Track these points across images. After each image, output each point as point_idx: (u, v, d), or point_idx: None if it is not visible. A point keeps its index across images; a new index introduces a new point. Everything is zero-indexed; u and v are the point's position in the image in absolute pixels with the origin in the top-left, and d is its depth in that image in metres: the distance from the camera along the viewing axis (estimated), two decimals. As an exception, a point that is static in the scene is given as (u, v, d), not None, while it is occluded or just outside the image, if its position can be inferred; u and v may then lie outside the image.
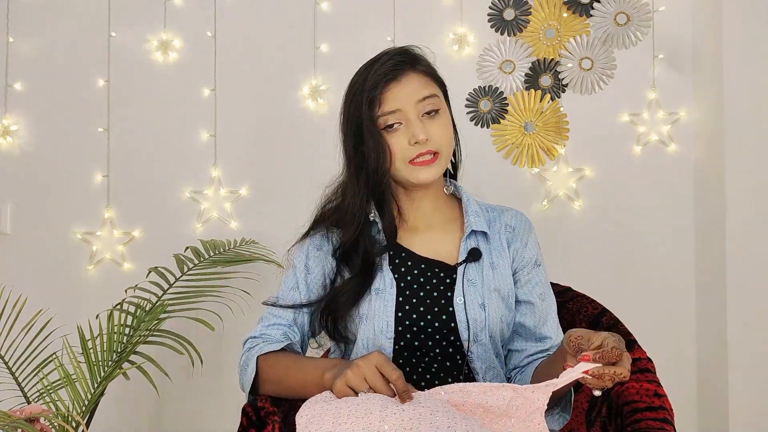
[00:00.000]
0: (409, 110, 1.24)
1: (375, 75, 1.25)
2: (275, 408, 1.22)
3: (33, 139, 2.27)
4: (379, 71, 1.25)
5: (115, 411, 2.19)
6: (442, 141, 1.25)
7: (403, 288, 1.26)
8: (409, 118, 1.24)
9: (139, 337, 1.74)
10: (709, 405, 1.99)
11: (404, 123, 1.24)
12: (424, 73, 1.28)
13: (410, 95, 1.24)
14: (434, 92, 1.27)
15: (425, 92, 1.25)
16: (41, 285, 2.21)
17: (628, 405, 1.29)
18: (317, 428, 1.01)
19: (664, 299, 2.07)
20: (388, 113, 1.24)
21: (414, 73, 1.26)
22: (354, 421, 1.00)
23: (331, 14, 2.20)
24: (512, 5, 2.13)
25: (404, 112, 1.24)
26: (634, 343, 1.40)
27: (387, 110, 1.24)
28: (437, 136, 1.25)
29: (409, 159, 1.24)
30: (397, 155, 1.25)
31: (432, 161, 1.25)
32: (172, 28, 2.23)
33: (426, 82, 1.27)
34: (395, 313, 1.24)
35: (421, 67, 1.28)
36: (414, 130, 1.23)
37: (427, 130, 1.24)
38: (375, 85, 1.24)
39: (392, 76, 1.24)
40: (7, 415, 1.45)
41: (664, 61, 2.08)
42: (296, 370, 1.21)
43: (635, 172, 2.09)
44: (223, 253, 1.97)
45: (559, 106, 2.12)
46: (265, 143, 2.21)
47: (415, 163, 1.25)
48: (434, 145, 1.24)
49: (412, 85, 1.25)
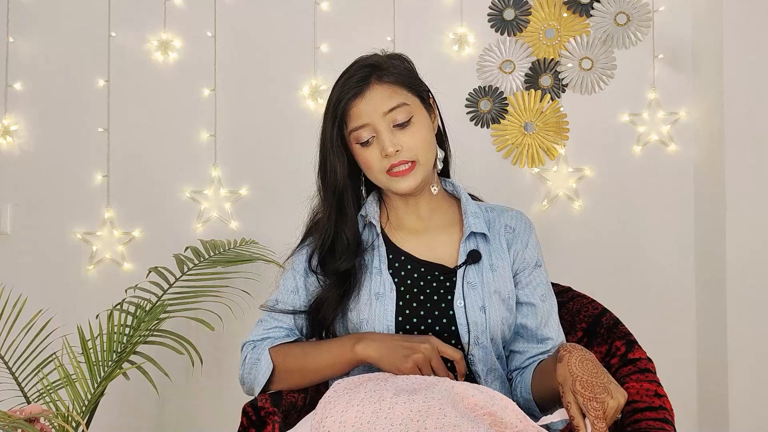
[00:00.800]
0: (378, 123, 1.23)
1: (340, 91, 1.26)
2: (275, 408, 1.22)
3: (33, 139, 2.27)
4: (344, 87, 1.26)
5: (115, 411, 2.19)
6: (416, 149, 1.24)
7: (403, 292, 1.25)
8: (379, 130, 1.23)
9: (139, 337, 1.74)
10: (709, 405, 1.99)
11: (376, 136, 1.24)
12: (391, 83, 1.25)
13: (376, 109, 1.23)
14: (402, 101, 1.24)
15: (391, 103, 1.24)
16: (41, 285, 2.21)
17: (628, 405, 1.28)
18: (332, 407, 1.05)
19: (665, 299, 2.07)
20: (358, 128, 1.24)
21: (379, 84, 1.25)
22: (366, 406, 1.03)
23: (331, 14, 2.20)
24: (512, 5, 2.13)
25: (373, 125, 1.24)
26: (634, 343, 1.39)
27: (356, 126, 1.24)
28: (409, 145, 1.24)
29: (386, 170, 1.24)
30: (373, 167, 1.25)
31: (408, 171, 1.24)
32: (172, 28, 2.23)
33: (392, 92, 1.25)
34: (396, 318, 1.24)
35: (388, 77, 1.26)
36: (383, 143, 1.23)
37: (397, 141, 1.23)
38: (339, 103, 1.25)
39: (356, 92, 1.24)
40: (7, 415, 1.45)
41: (664, 61, 2.08)
42: (317, 351, 1.24)
43: (635, 172, 2.09)
44: (223, 253, 1.97)
45: (559, 106, 2.12)
46: (265, 143, 2.21)
47: (392, 174, 1.24)
48: (407, 155, 1.24)
49: (376, 99, 1.24)
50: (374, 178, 1.27)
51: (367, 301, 1.25)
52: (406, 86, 1.27)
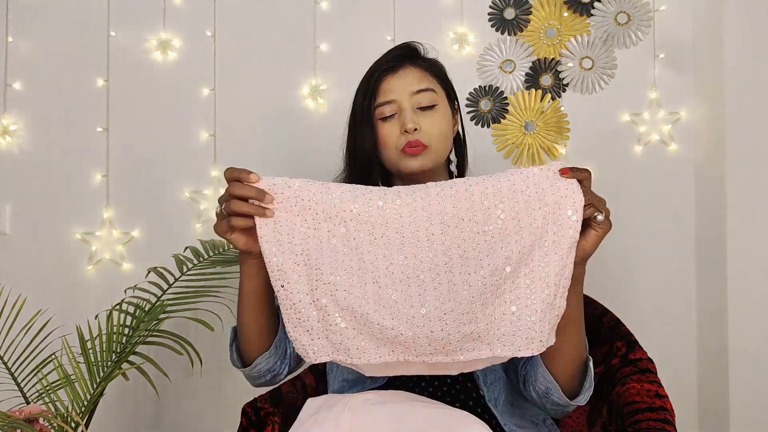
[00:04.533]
0: (404, 101, 1.27)
1: (376, 65, 1.30)
2: (275, 408, 1.22)
3: (32, 139, 2.27)
4: (380, 62, 1.30)
5: (115, 411, 2.18)
6: (432, 133, 1.27)
7: None
8: (403, 108, 1.27)
9: (139, 338, 1.74)
10: (709, 405, 1.99)
11: (398, 113, 1.27)
12: (424, 68, 1.31)
13: (405, 87, 1.27)
14: (431, 87, 1.29)
15: (421, 85, 1.28)
16: (41, 285, 2.20)
17: (628, 406, 1.28)
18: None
19: (665, 300, 2.07)
20: (383, 104, 1.28)
21: (412, 66, 1.30)
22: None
23: (331, 14, 2.19)
24: (512, 5, 2.13)
25: (399, 103, 1.27)
26: (635, 343, 1.39)
27: (382, 101, 1.28)
28: (428, 128, 1.26)
29: (400, 147, 1.27)
30: (389, 143, 1.28)
31: (419, 151, 1.26)
32: (172, 28, 2.23)
33: (423, 76, 1.30)
34: None
35: (422, 62, 1.32)
36: (404, 119, 1.26)
37: (417, 120, 1.26)
38: (371, 76, 1.29)
39: (389, 67, 1.29)
40: (7, 415, 1.45)
41: (664, 61, 2.08)
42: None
43: (635, 171, 2.09)
44: (223, 253, 1.97)
45: (559, 105, 2.11)
46: (265, 143, 2.21)
47: (405, 151, 1.26)
48: (423, 137, 1.26)
49: (408, 78, 1.29)
50: (387, 157, 1.29)
51: None
52: (438, 77, 1.33)
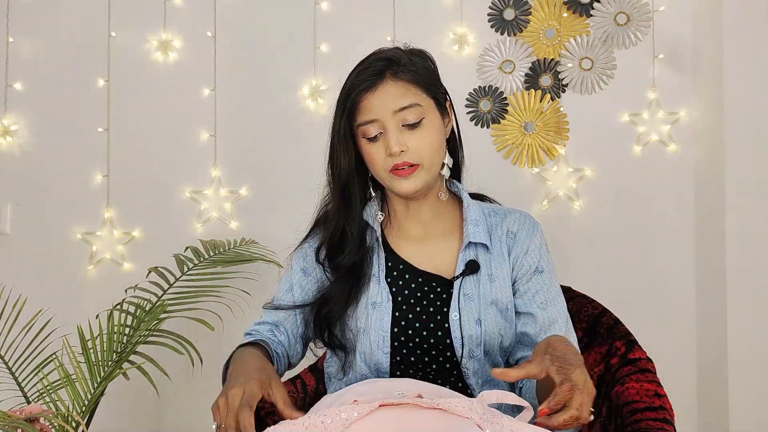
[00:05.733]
0: (387, 120, 1.19)
1: (353, 82, 1.22)
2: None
3: (33, 139, 2.27)
4: (357, 78, 1.22)
5: (115, 411, 2.18)
6: (422, 152, 1.20)
7: (399, 302, 1.24)
8: (387, 128, 1.20)
9: (139, 337, 1.74)
10: (709, 405, 1.99)
11: (383, 132, 1.20)
12: (406, 81, 1.21)
13: (386, 105, 1.19)
14: (415, 101, 1.20)
15: (404, 102, 1.19)
16: (41, 285, 2.20)
17: (627, 405, 1.28)
18: None
19: (664, 299, 2.07)
20: (366, 123, 1.21)
21: (393, 81, 1.20)
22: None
23: (331, 14, 2.19)
24: (512, 5, 2.13)
25: (382, 122, 1.20)
26: (634, 343, 1.39)
27: (364, 120, 1.21)
28: (416, 147, 1.19)
29: (389, 169, 1.21)
30: (377, 164, 1.22)
31: (409, 173, 1.20)
32: (172, 28, 2.23)
33: (406, 91, 1.20)
34: (391, 328, 1.22)
35: (404, 74, 1.21)
36: (389, 142, 1.19)
37: (404, 141, 1.19)
38: (349, 94, 1.21)
39: (368, 85, 1.20)
40: (7, 415, 1.45)
41: (664, 61, 2.08)
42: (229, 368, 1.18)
43: (635, 172, 2.09)
44: (223, 253, 1.97)
45: (559, 106, 2.12)
46: (265, 143, 2.21)
47: (395, 173, 1.21)
48: (412, 157, 1.19)
49: (388, 95, 1.19)
50: (377, 175, 1.24)
51: (365, 310, 1.24)
52: (422, 86, 1.22)
